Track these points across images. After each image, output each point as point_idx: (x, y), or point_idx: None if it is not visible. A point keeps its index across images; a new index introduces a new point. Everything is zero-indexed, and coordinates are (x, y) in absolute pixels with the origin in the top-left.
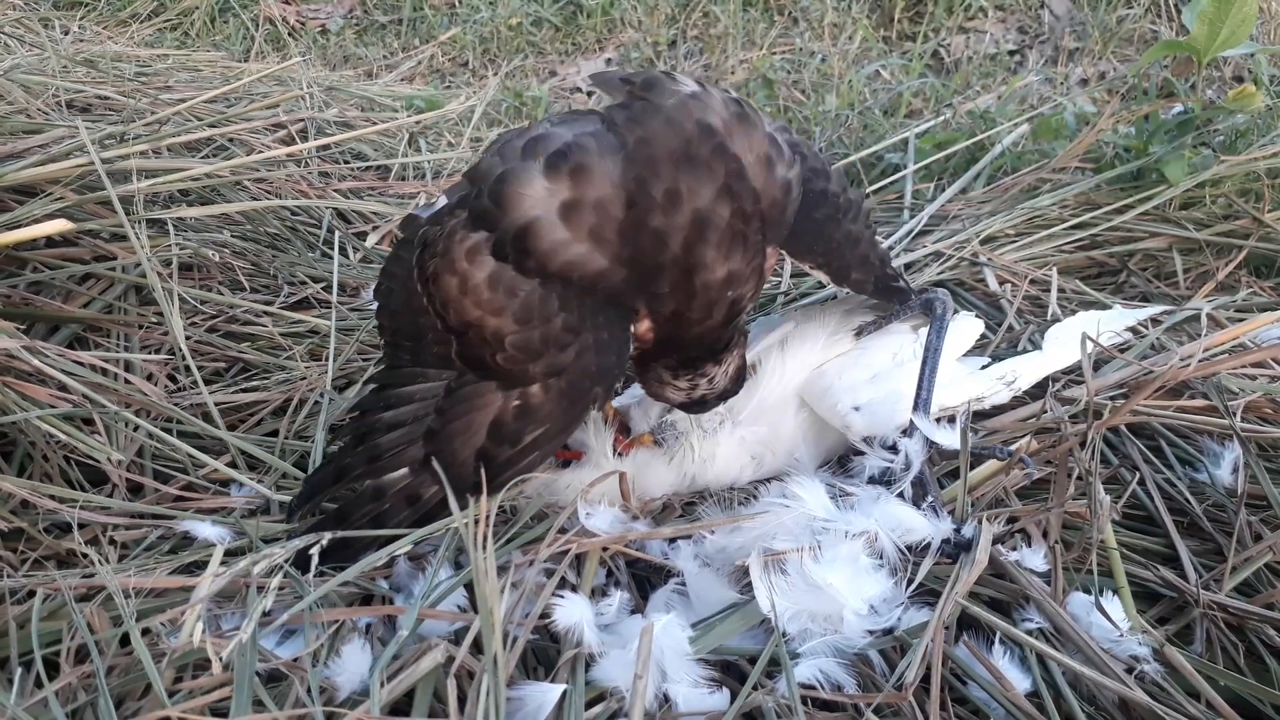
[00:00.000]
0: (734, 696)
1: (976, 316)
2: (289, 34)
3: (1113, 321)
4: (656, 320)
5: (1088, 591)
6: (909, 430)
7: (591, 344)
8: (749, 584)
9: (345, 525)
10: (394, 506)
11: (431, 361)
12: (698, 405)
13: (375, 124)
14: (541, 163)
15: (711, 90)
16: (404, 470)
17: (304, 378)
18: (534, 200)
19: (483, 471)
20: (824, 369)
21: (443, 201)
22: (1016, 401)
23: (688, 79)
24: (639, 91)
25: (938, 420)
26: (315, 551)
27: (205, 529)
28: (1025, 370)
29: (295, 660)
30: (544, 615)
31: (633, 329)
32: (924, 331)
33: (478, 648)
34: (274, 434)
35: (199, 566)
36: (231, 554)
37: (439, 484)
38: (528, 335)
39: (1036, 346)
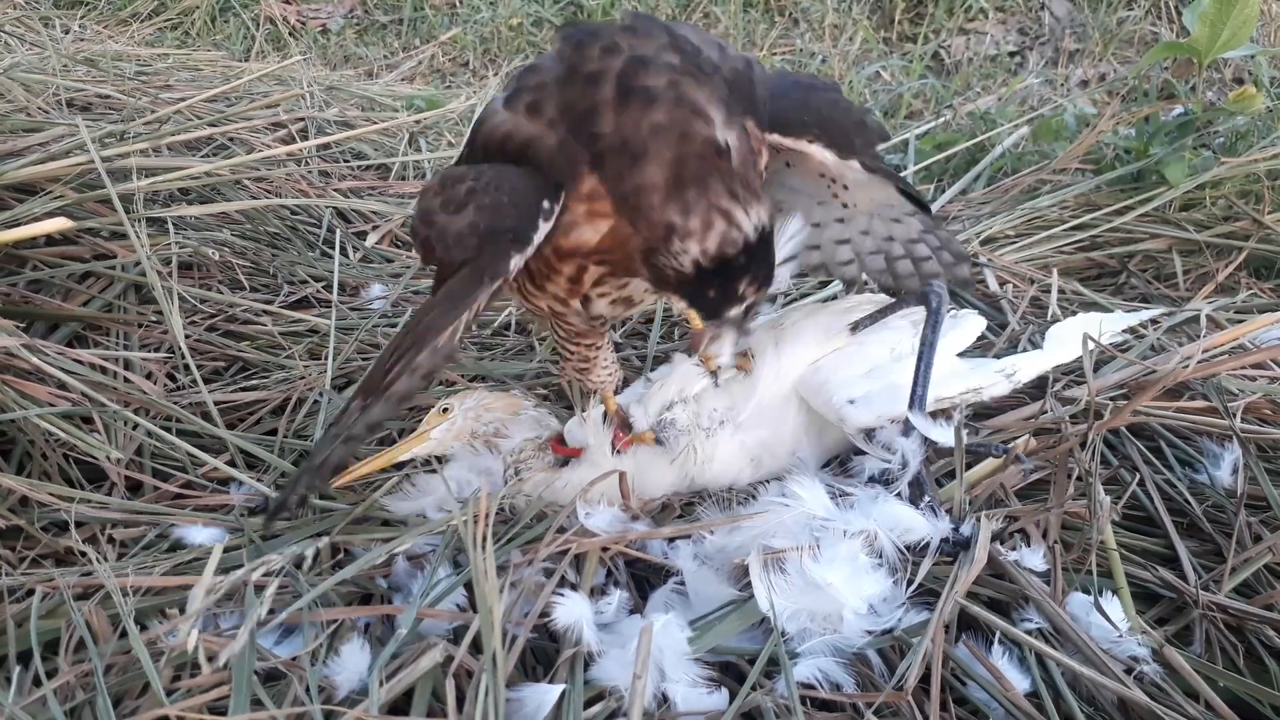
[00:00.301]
0: (733, 696)
1: (978, 314)
2: (289, 34)
3: (1114, 322)
4: (603, 160)
5: (1087, 592)
6: (906, 430)
7: (488, 205)
8: (748, 583)
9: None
10: (330, 432)
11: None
12: (708, 279)
13: (375, 123)
14: (502, 100)
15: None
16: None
17: (303, 377)
18: (491, 104)
19: (389, 370)
20: (820, 364)
21: None
22: (1017, 400)
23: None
24: (580, 35)
25: (934, 415)
26: (309, 553)
27: (199, 534)
28: (1025, 364)
29: (294, 659)
30: (543, 614)
31: (556, 201)
32: (921, 325)
33: (477, 647)
34: (273, 433)
35: (197, 564)
36: (229, 550)
37: (360, 398)
38: (433, 201)
39: (1037, 347)
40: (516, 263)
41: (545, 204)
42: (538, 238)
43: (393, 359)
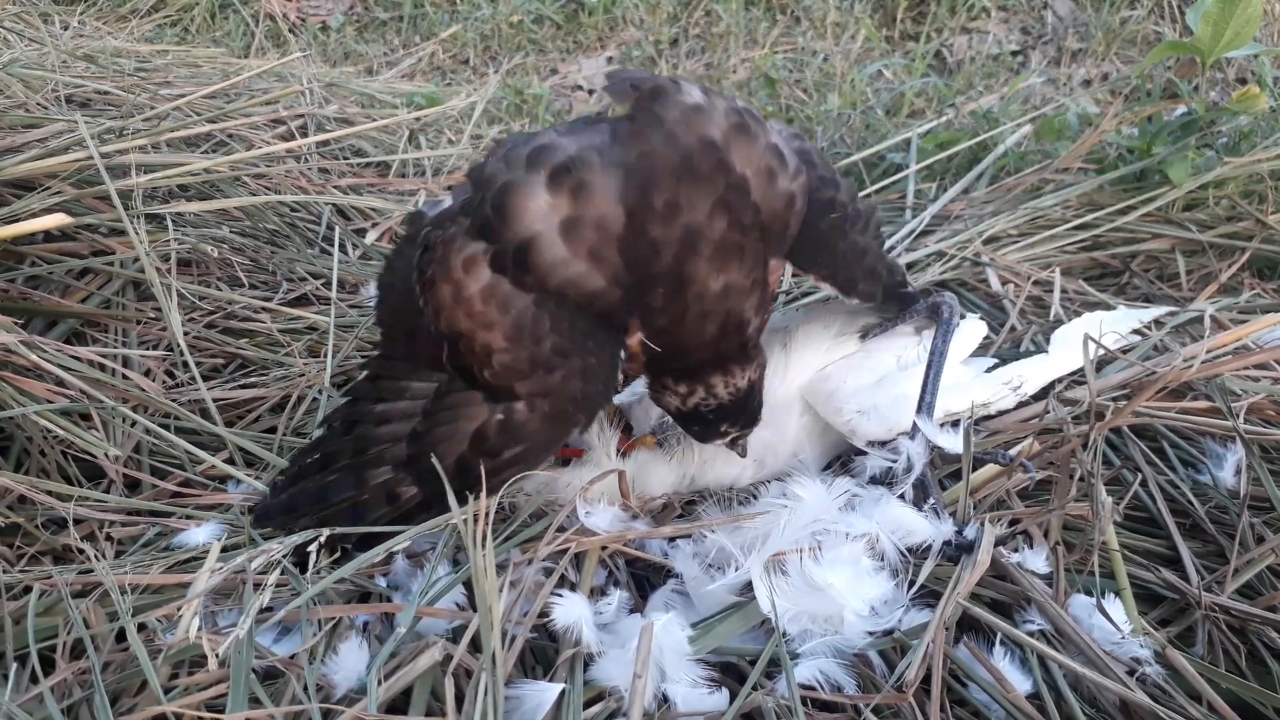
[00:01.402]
0: (733, 697)
1: (980, 318)
2: (289, 30)
3: (1117, 323)
4: (650, 333)
5: (1089, 593)
6: (911, 433)
7: (579, 369)
8: (749, 584)
9: (325, 506)
10: (373, 499)
11: (424, 361)
12: (695, 419)
13: (375, 120)
14: (545, 175)
15: (716, 101)
16: (386, 466)
17: (302, 374)
18: (535, 214)
19: (461, 480)
20: (828, 371)
21: (447, 201)
22: (1019, 402)
23: (694, 87)
24: (644, 101)
25: (941, 425)
26: (313, 549)
27: (196, 534)
28: (1031, 375)
29: (292, 657)
30: (542, 614)
31: (625, 353)
32: (928, 334)
33: (476, 646)
34: (272, 430)
35: (196, 563)
36: (228, 550)
37: (418, 485)
38: (516, 354)
39: (1040, 348)
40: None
41: (621, 356)
42: (615, 391)
43: (471, 478)
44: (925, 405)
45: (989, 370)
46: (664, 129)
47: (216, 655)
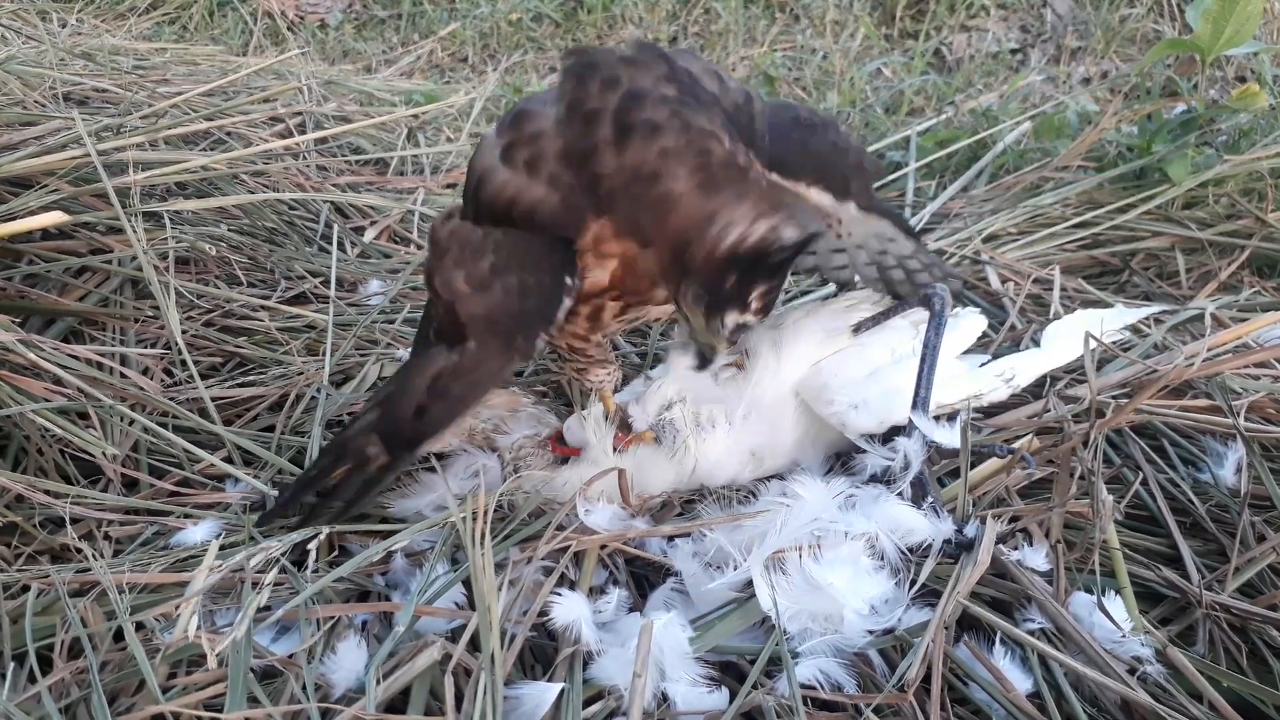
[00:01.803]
0: (733, 695)
1: (979, 313)
2: (288, 28)
3: (1112, 320)
4: (614, 204)
5: (1090, 591)
6: (908, 430)
7: (515, 285)
8: (748, 582)
9: (317, 480)
10: (352, 469)
11: (433, 328)
12: (743, 270)
13: (373, 118)
14: (499, 125)
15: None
16: (361, 434)
17: (301, 373)
18: (486, 154)
19: (416, 424)
20: (821, 365)
21: None
22: (1019, 400)
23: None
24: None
25: (936, 418)
26: (313, 547)
27: (194, 533)
28: (1024, 367)
29: (290, 657)
30: (541, 613)
31: (575, 276)
32: (923, 327)
33: (475, 645)
34: (270, 429)
35: (194, 561)
36: (226, 549)
37: (383, 446)
38: (457, 274)
39: (1038, 345)
40: (544, 338)
41: (568, 280)
42: (562, 313)
43: (423, 421)
44: (920, 400)
45: (983, 365)
46: (600, 72)
47: (215, 655)
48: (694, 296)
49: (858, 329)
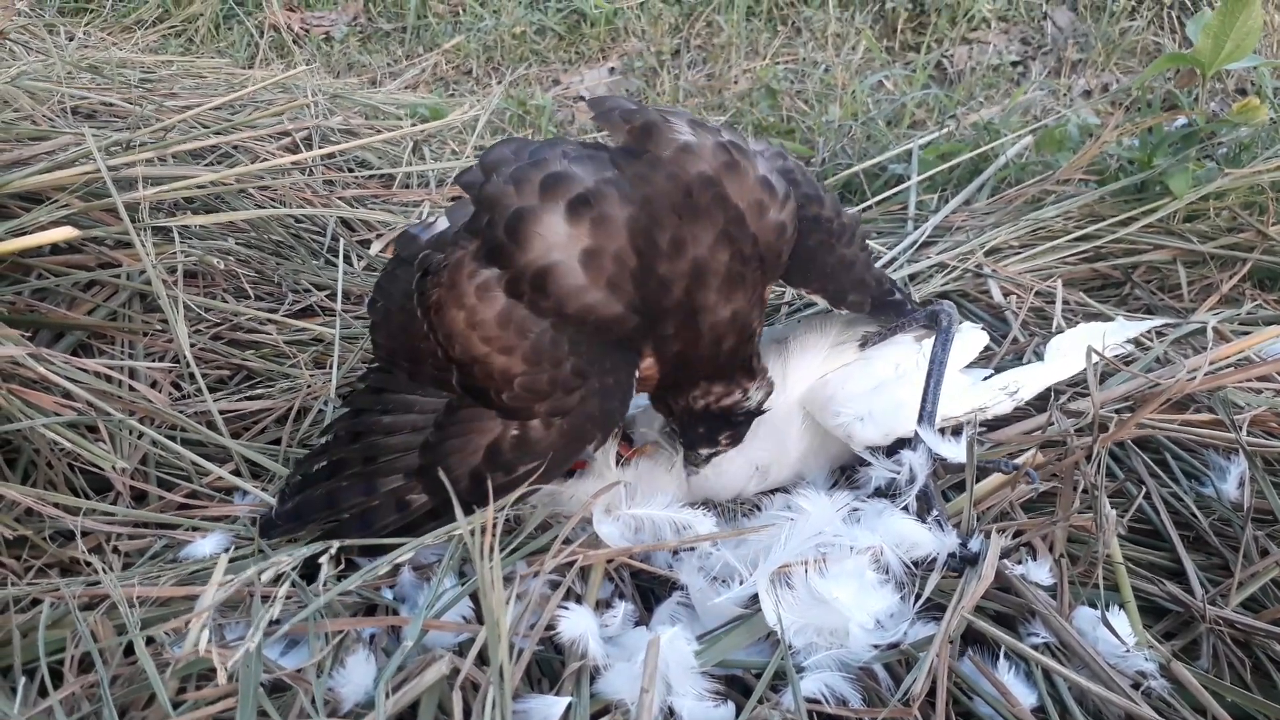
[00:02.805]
0: (739, 710)
1: (981, 328)
2: (293, 41)
3: (1115, 334)
4: (662, 359)
5: (1094, 606)
6: (914, 443)
7: (597, 389)
8: (754, 597)
9: (334, 512)
10: (383, 506)
11: (429, 383)
12: (713, 421)
13: (379, 132)
14: (563, 206)
15: (704, 136)
16: (397, 475)
17: (308, 386)
18: (554, 244)
19: (474, 492)
20: (827, 379)
21: (443, 223)
22: (1022, 414)
23: (682, 121)
24: (638, 137)
25: (941, 432)
26: (324, 560)
27: (203, 546)
28: (1027, 381)
29: (299, 671)
30: (548, 626)
31: (639, 373)
32: (928, 342)
33: (483, 659)
34: (278, 442)
35: (204, 574)
36: (235, 562)
37: (428, 494)
38: (536, 377)
39: (1040, 359)
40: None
41: (635, 376)
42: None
43: (480, 491)
44: (926, 415)
45: (986, 379)
46: (663, 169)
47: (226, 669)
48: (674, 428)
49: (864, 343)
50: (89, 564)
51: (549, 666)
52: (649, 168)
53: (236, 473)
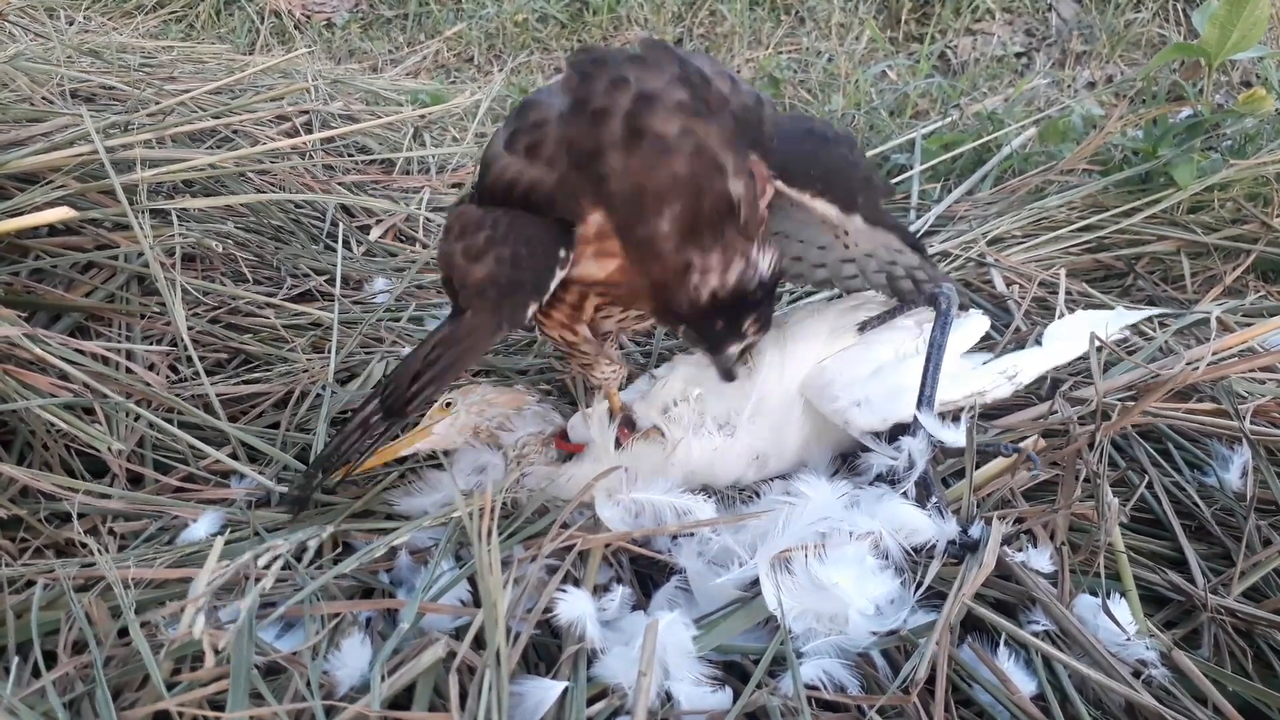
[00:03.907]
0: (737, 695)
1: (982, 314)
2: (294, 27)
3: (1114, 321)
4: (613, 201)
5: (1095, 594)
6: (913, 428)
7: (508, 256)
8: (753, 581)
9: (327, 452)
10: (352, 429)
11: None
12: (728, 308)
13: (380, 118)
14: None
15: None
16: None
17: (306, 370)
18: (494, 144)
19: (409, 390)
20: (825, 364)
21: None
22: (1024, 401)
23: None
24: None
25: (941, 416)
26: (321, 542)
27: (199, 528)
28: (1026, 365)
29: (294, 654)
30: (546, 610)
31: (570, 250)
32: (928, 327)
33: (479, 643)
34: (275, 426)
35: (199, 558)
36: (231, 545)
37: (381, 412)
38: (453, 246)
39: (1040, 345)
40: (532, 310)
41: (561, 253)
42: (553, 285)
43: (413, 385)
44: (925, 399)
45: (985, 364)
46: (609, 70)
47: (216, 652)
48: (692, 338)
49: (863, 328)
50: (84, 545)
51: (546, 650)
52: (594, 68)
53: (234, 456)
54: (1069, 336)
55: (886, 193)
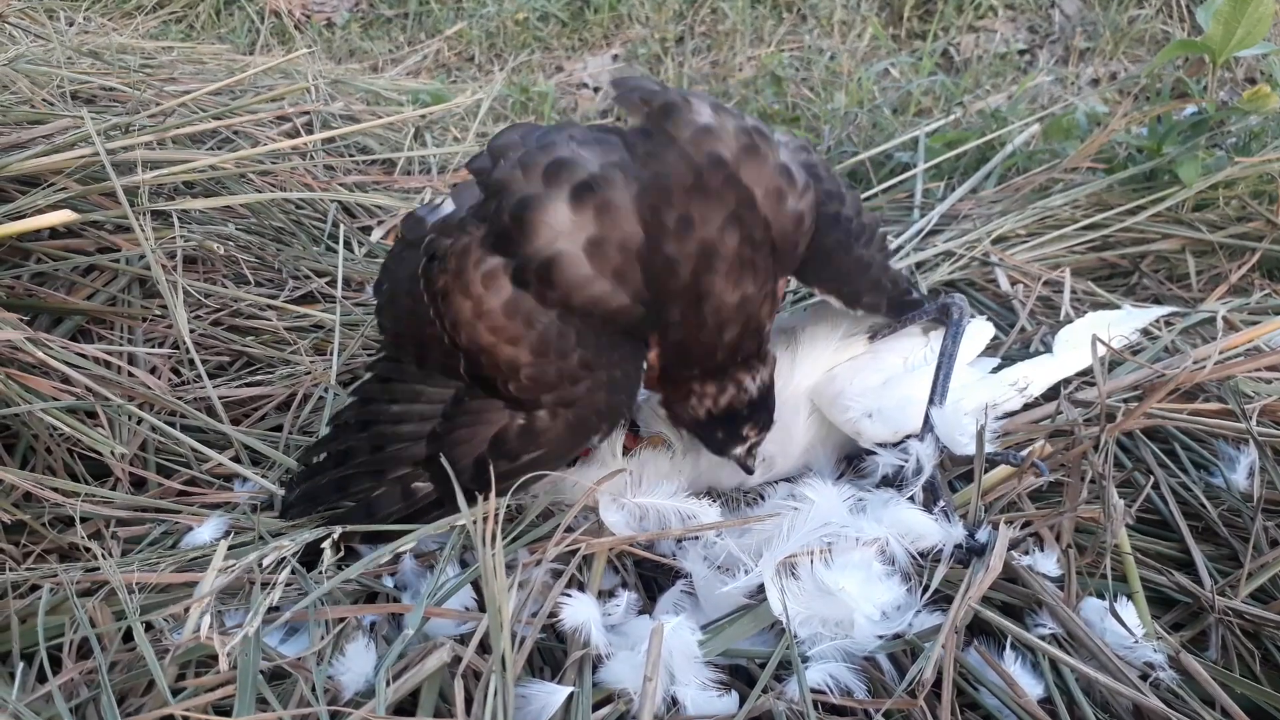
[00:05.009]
0: (743, 700)
1: (987, 319)
2: (294, 27)
3: (1123, 323)
4: (665, 347)
5: (1101, 597)
6: (922, 434)
7: (605, 381)
8: (759, 587)
9: (342, 497)
10: (388, 494)
11: (436, 369)
12: (721, 422)
13: (381, 118)
14: (567, 192)
15: (725, 120)
16: (404, 464)
17: (308, 373)
18: (559, 232)
19: (477, 479)
20: (835, 372)
21: (449, 206)
22: (1030, 403)
23: (703, 104)
24: (656, 118)
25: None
26: (326, 546)
27: (203, 532)
28: (1037, 375)
29: (299, 659)
30: (551, 615)
31: (647, 366)
32: (936, 335)
33: (484, 648)
34: (278, 429)
35: (203, 560)
36: (235, 549)
37: (434, 483)
38: (543, 368)
39: (1048, 349)
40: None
41: (644, 368)
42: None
43: (483, 479)
44: (937, 404)
45: (994, 371)
46: (677, 148)
47: (227, 656)
48: (701, 442)
49: (873, 335)
50: (88, 550)
51: (551, 655)
52: (661, 147)
53: (236, 459)
54: (1080, 343)
55: (893, 289)
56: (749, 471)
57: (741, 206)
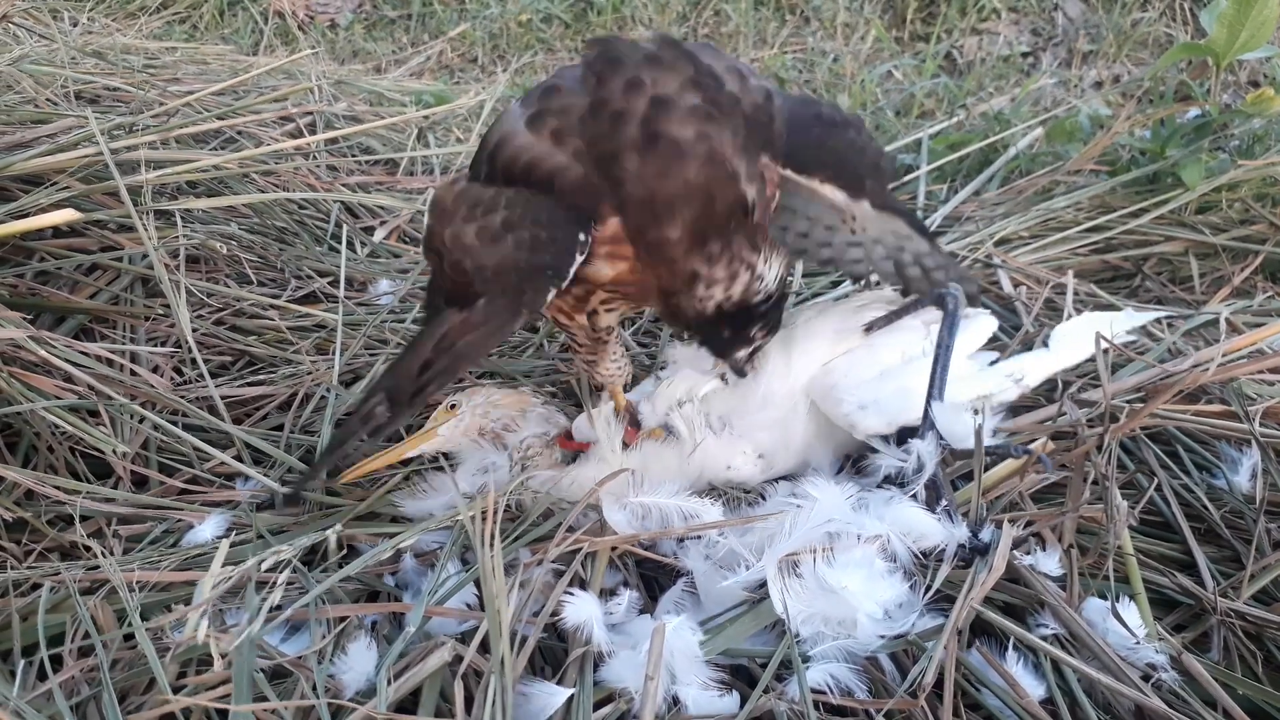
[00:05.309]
0: (744, 699)
1: (989, 314)
2: (298, 28)
3: (1121, 323)
4: (629, 208)
5: (1104, 597)
6: (921, 429)
7: (527, 239)
8: (761, 583)
9: (329, 446)
10: (354, 420)
11: (441, 296)
12: (733, 318)
13: (383, 118)
14: (524, 97)
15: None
16: (377, 395)
17: (310, 372)
18: (509, 122)
19: (419, 380)
20: (831, 366)
21: None
22: (1033, 403)
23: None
24: (607, 40)
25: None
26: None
27: (204, 530)
28: (1033, 368)
29: (300, 658)
30: (552, 614)
31: (589, 235)
32: (934, 328)
33: (485, 647)
34: (279, 428)
35: (204, 560)
36: (236, 548)
37: (386, 404)
38: (464, 228)
39: (1047, 347)
40: (552, 295)
41: (581, 237)
42: (573, 271)
43: (426, 375)
44: (935, 398)
45: (992, 364)
46: (628, 42)
47: (223, 657)
48: (700, 343)
49: (869, 329)
50: (89, 548)
51: (553, 654)
52: (611, 40)
53: (238, 458)
54: (1076, 339)
55: (894, 176)
56: (742, 374)
57: (701, 74)
